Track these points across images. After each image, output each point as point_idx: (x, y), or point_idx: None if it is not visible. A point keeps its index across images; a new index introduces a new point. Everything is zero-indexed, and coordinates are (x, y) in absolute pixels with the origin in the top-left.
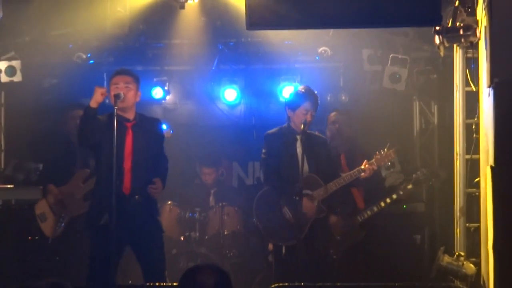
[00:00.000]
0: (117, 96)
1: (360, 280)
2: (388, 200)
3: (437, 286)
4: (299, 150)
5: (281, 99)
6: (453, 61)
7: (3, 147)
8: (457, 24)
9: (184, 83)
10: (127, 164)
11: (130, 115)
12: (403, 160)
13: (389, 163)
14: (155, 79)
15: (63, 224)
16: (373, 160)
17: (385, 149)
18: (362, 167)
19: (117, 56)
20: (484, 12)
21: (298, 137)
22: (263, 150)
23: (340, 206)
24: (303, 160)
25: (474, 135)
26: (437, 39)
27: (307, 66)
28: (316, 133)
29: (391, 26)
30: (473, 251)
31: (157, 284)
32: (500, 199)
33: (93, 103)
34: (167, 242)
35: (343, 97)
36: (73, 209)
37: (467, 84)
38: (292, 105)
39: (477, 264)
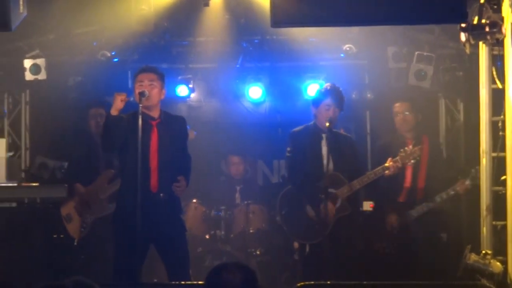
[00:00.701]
0: (141, 94)
1: (386, 278)
2: (444, 196)
3: (464, 284)
4: (324, 148)
5: (306, 97)
6: (479, 58)
7: (28, 145)
8: (483, 21)
9: (209, 81)
10: (153, 162)
11: (155, 113)
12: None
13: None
14: (179, 77)
15: (88, 225)
16: (398, 157)
17: (410, 146)
18: (387, 164)
19: (141, 53)
20: (510, 9)
21: (324, 135)
22: (288, 148)
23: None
24: (328, 158)
25: (500, 133)
26: (462, 36)
27: (332, 63)
28: (341, 131)
29: (416, 24)
30: (500, 249)
31: (182, 283)
32: None
33: (114, 111)
34: (193, 240)
35: (368, 95)
36: (97, 210)
37: (493, 81)
38: (315, 102)
39: (504, 263)
